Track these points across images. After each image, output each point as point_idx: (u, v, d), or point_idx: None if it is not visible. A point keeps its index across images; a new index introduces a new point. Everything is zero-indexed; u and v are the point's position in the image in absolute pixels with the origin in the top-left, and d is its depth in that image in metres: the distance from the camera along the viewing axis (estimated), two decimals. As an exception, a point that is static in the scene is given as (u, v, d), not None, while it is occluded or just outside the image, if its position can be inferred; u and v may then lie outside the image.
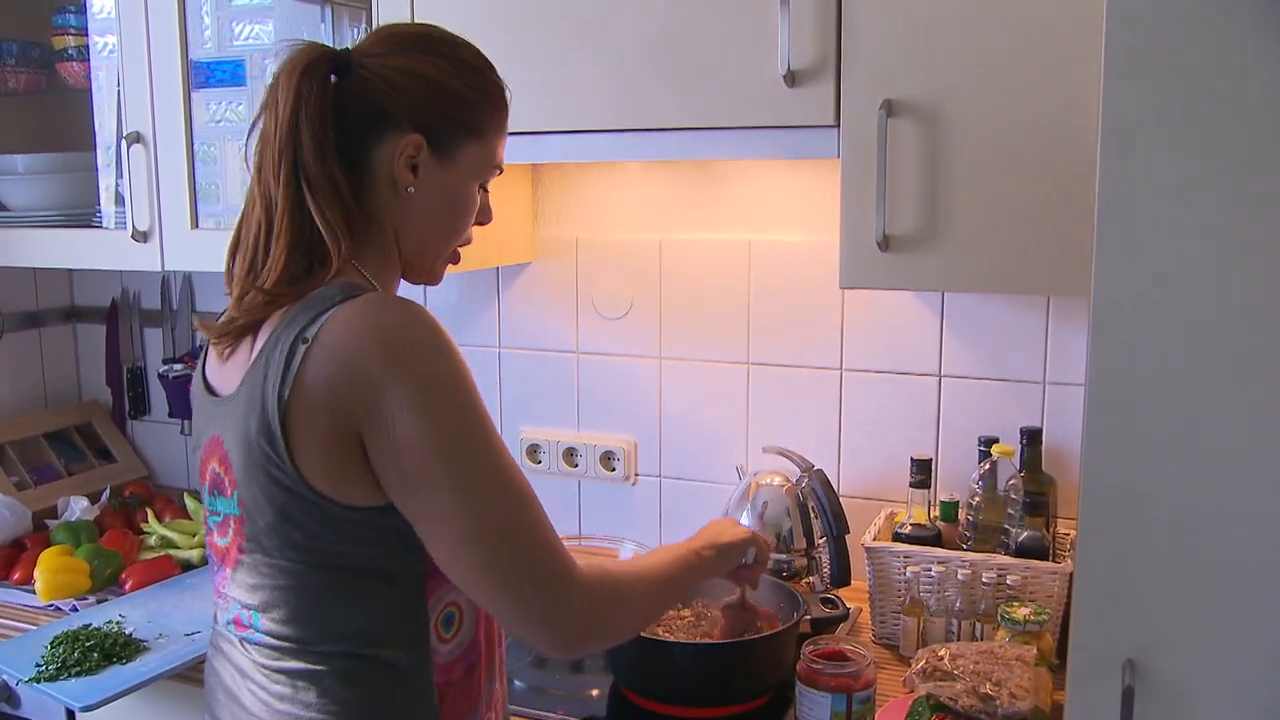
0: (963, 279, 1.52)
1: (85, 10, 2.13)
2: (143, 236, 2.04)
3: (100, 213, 2.15)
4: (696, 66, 1.59)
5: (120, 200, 2.09)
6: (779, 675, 1.55)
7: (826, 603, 1.74)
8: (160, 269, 2.06)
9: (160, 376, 2.45)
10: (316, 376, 1.04)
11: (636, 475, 2.16)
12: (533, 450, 2.21)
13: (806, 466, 1.83)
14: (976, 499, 1.75)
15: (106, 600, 1.94)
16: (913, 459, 1.79)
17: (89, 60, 2.16)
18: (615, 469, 2.16)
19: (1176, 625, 1.13)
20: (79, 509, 2.24)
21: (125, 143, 2.02)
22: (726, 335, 2.05)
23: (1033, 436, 1.76)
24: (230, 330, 1.14)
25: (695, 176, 2.04)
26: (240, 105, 1.99)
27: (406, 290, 1.21)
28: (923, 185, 1.50)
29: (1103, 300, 1.11)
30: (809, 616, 1.65)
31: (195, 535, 2.16)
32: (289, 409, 1.04)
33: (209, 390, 1.19)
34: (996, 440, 1.77)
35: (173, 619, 1.84)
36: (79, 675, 1.64)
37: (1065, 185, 1.42)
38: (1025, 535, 1.68)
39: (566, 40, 1.66)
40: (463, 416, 1.05)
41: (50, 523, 2.22)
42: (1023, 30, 1.43)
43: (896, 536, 1.78)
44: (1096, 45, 1.09)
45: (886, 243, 1.52)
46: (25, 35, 2.32)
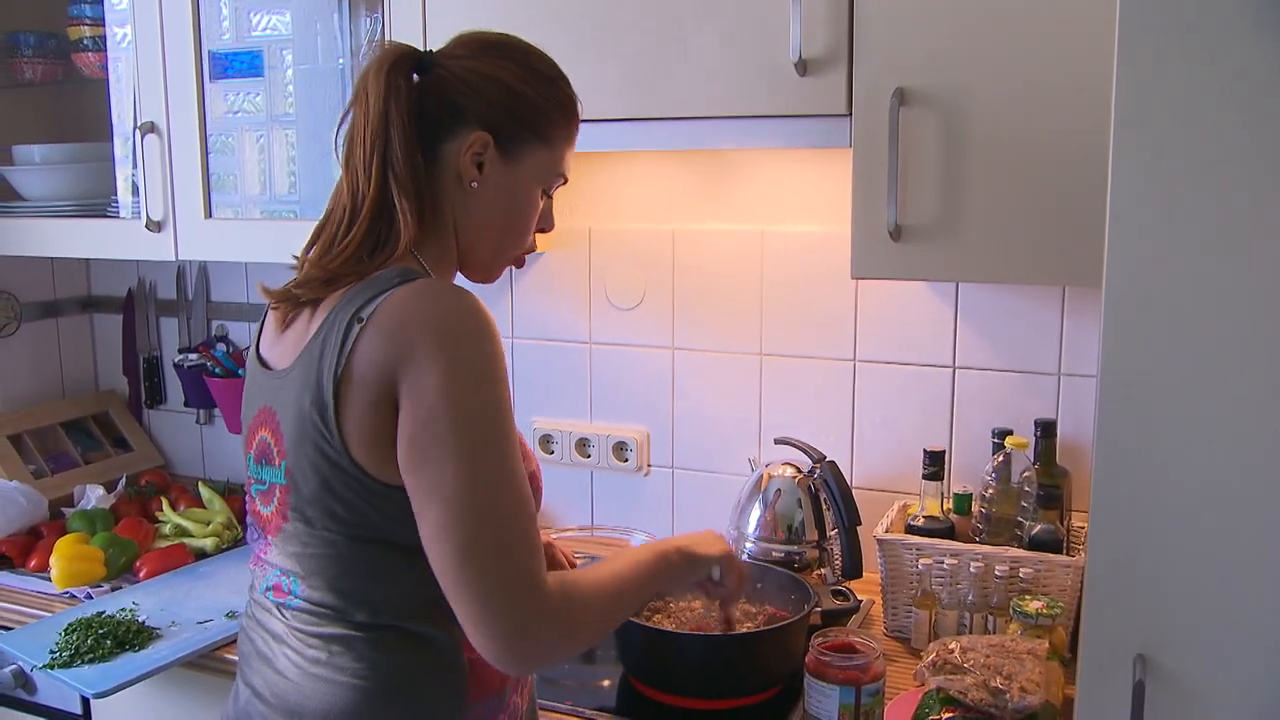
0: (975, 269, 1.51)
1: (101, 1, 2.14)
2: (157, 226, 2.05)
3: (117, 202, 2.16)
4: (708, 55, 1.58)
5: (136, 190, 2.09)
6: (788, 667, 1.55)
7: (837, 594, 1.73)
8: (174, 258, 2.08)
9: (176, 366, 2.46)
10: (367, 355, 1.07)
11: (649, 466, 2.16)
12: (545, 441, 2.21)
13: (818, 458, 1.82)
14: (990, 491, 1.74)
15: (121, 588, 1.95)
16: (926, 451, 1.78)
17: (105, 50, 2.17)
18: (628, 460, 2.16)
19: (1188, 620, 1.11)
20: (95, 497, 2.26)
21: (139, 133, 2.03)
22: (739, 326, 2.04)
23: (1047, 429, 1.74)
24: (290, 297, 1.18)
25: (708, 166, 2.03)
26: (258, 96, 1.99)
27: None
28: (935, 175, 1.49)
29: (1115, 291, 1.10)
30: (819, 608, 1.65)
31: (209, 524, 2.17)
32: (341, 385, 1.08)
33: (263, 363, 1.23)
34: (1010, 432, 1.76)
35: (185, 607, 1.85)
36: (92, 662, 1.65)
37: (1079, 174, 1.41)
38: (1039, 528, 1.66)
39: (578, 30, 1.65)
40: (484, 408, 1.07)
41: (67, 511, 2.23)
42: (1036, 18, 1.41)
43: (909, 529, 1.76)
44: (1111, 33, 1.07)
45: (898, 233, 1.51)
46: (41, 26, 2.33)
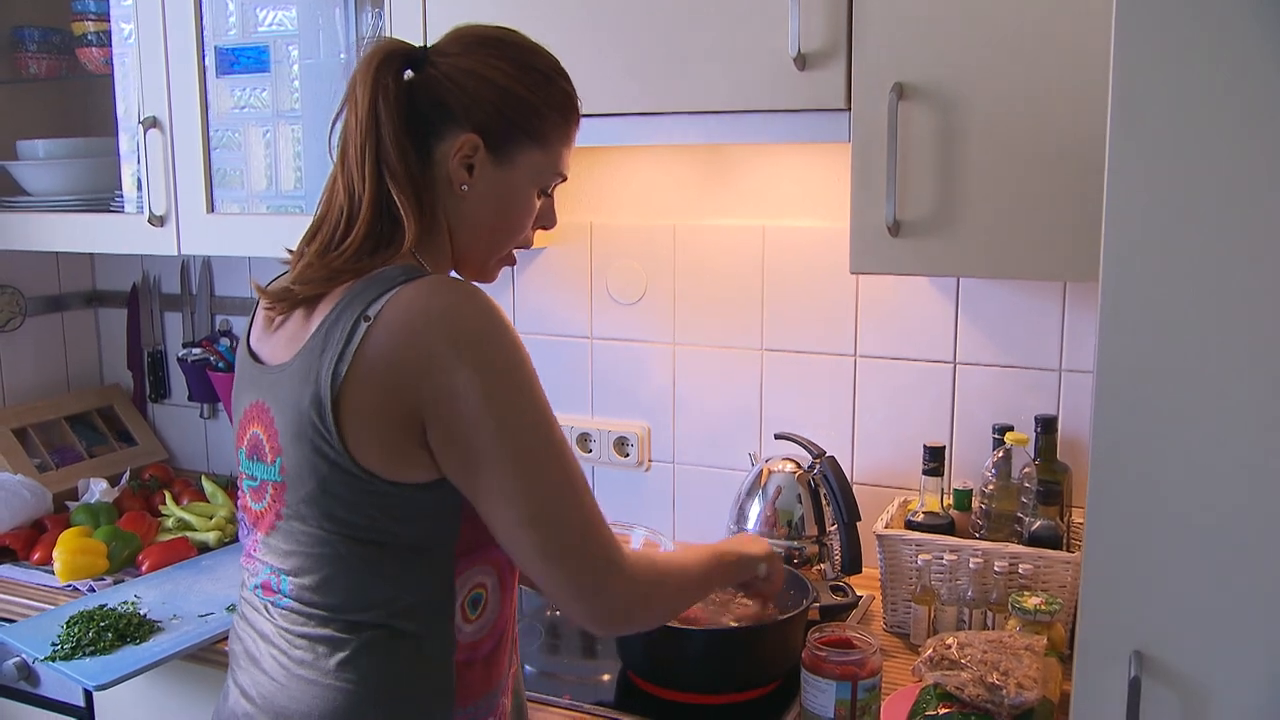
0: (974, 264, 1.50)
1: (106, -4, 2.15)
2: (159, 221, 2.06)
3: (121, 197, 2.16)
4: (707, 50, 1.58)
5: (141, 185, 2.10)
6: (787, 662, 1.54)
7: (836, 590, 1.73)
8: (177, 253, 2.08)
9: (179, 360, 2.47)
10: (377, 354, 1.05)
11: (650, 461, 2.16)
12: (547, 435, 2.21)
13: (818, 453, 1.82)
14: (990, 487, 1.73)
15: (123, 581, 1.96)
16: (926, 446, 1.78)
17: (109, 45, 2.17)
18: (629, 454, 2.16)
19: (1184, 616, 1.11)
20: (99, 491, 2.27)
21: (142, 127, 2.04)
22: (740, 321, 2.04)
23: (1048, 425, 1.73)
24: (286, 298, 1.16)
25: (710, 161, 2.03)
26: (264, 91, 1.99)
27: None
28: (934, 169, 1.48)
29: (1112, 286, 1.09)
30: (818, 604, 1.65)
31: (212, 518, 2.18)
32: (345, 384, 1.06)
33: (254, 358, 1.20)
34: (1011, 428, 1.75)
35: (187, 600, 1.86)
36: (93, 655, 1.66)
37: (1078, 168, 1.40)
38: (1039, 524, 1.66)
39: (577, 24, 1.65)
40: (528, 401, 1.08)
41: (70, 504, 2.24)
42: (1034, 11, 1.41)
43: (909, 524, 1.76)
44: (1108, 27, 1.07)
45: (897, 228, 1.50)
46: (46, 21, 2.34)
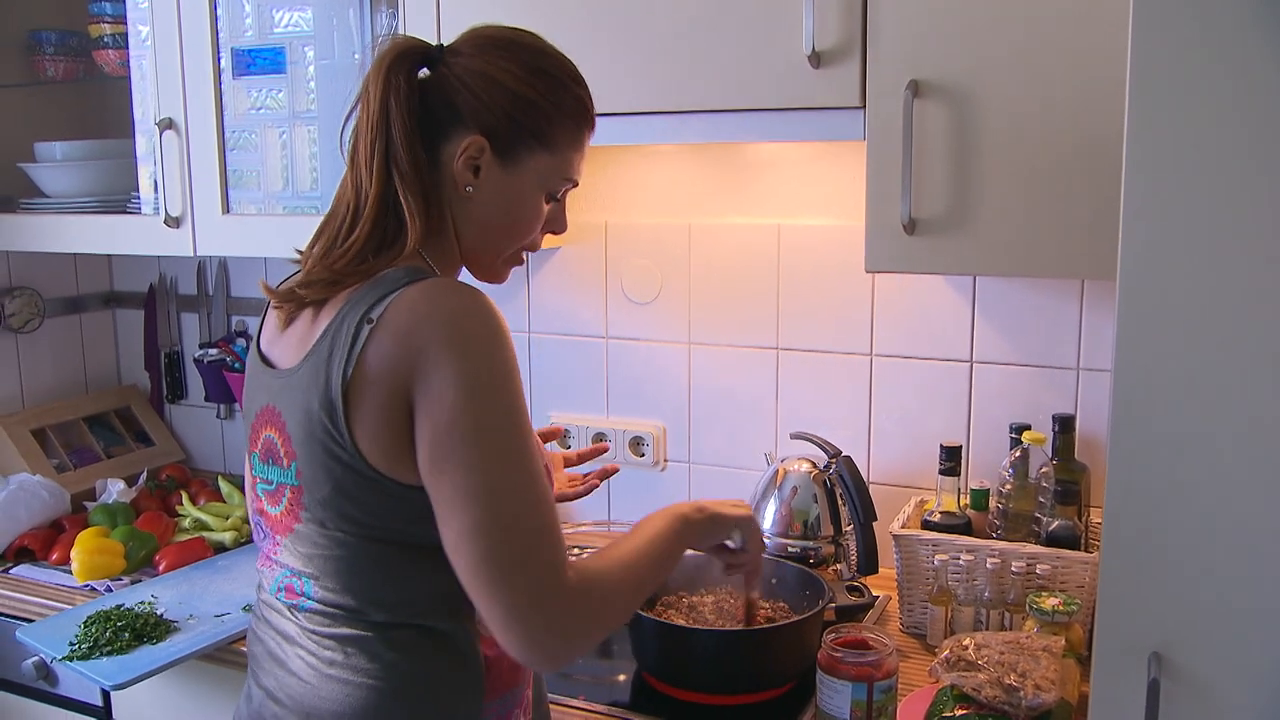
0: (990, 262, 1.49)
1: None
2: (175, 222, 2.07)
3: (138, 198, 2.17)
4: (722, 49, 1.57)
5: (157, 187, 2.10)
6: (802, 663, 1.54)
7: (852, 590, 1.72)
8: (193, 254, 2.09)
9: (196, 361, 2.48)
10: (378, 355, 1.06)
11: (666, 461, 2.15)
12: (562, 435, 2.20)
13: (834, 452, 1.81)
14: (1007, 487, 1.72)
15: (140, 581, 1.97)
16: (943, 446, 1.77)
17: (125, 48, 2.18)
18: (644, 454, 2.15)
19: (1203, 617, 1.10)
20: (116, 491, 2.28)
21: (158, 129, 2.04)
22: (756, 320, 2.03)
23: (1065, 424, 1.72)
24: (294, 298, 1.16)
25: (724, 160, 2.02)
26: (280, 92, 1.99)
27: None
28: (950, 167, 1.47)
29: (1129, 284, 1.08)
30: (834, 604, 1.64)
31: (228, 518, 2.19)
32: (351, 386, 1.06)
33: (265, 361, 1.21)
34: (1028, 427, 1.74)
35: (204, 600, 1.87)
36: (110, 654, 1.67)
37: (1095, 165, 1.39)
38: (1056, 524, 1.65)
39: (592, 24, 1.65)
40: (503, 411, 1.06)
41: (88, 505, 2.25)
42: (1051, 9, 1.39)
43: (926, 524, 1.75)
44: (1125, 24, 1.06)
45: (913, 226, 1.49)
46: (63, 24, 2.35)
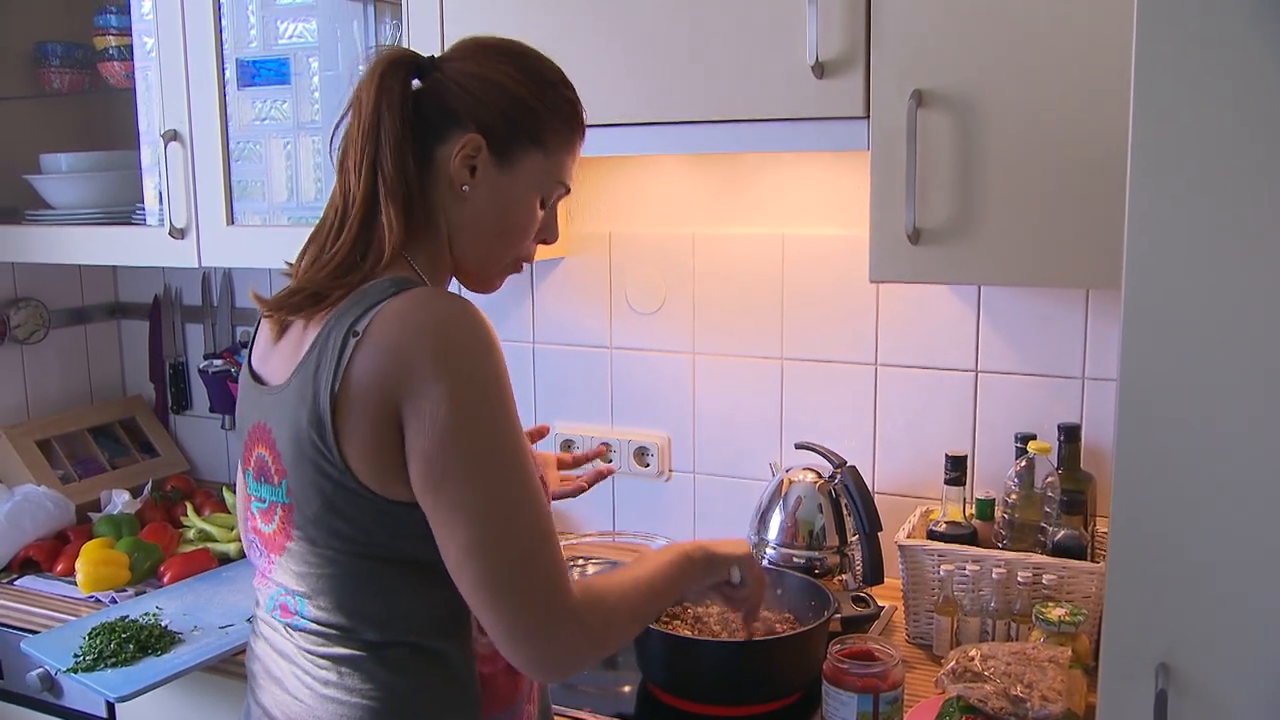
0: (995, 272, 1.49)
1: (129, 10, 2.16)
2: (180, 233, 2.07)
3: (143, 210, 2.18)
4: (726, 58, 1.57)
5: (162, 198, 2.11)
6: (808, 675, 1.53)
7: (858, 601, 1.71)
8: (197, 265, 2.09)
9: (201, 372, 2.48)
10: (365, 369, 1.05)
11: (670, 471, 2.15)
12: (567, 445, 2.21)
13: (839, 463, 1.81)
14: (1013, 497, 1.72)
15: (145, 592, 1.97)
16: (948, 455, 1.76)
17: (130, 60, 2.18)
18: (649, 465, 2.15)
19: (1211, 629, 1.09)
20: (121, 502, 2.28)
21: (162, 141, 2.05)
22: (760, 330, 2.03)
23: (1071, 433, 1.72)
24: (286, 304, 1.15)
25: (728, 170, 2.02)
26: (285, 103, 2.00)
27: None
28: (954, 177, 1.47)
29: (1134, 293, 1.08)
30: (839, 615, 1.63)
31: (233, 529, 2.19)
32: (339, 402, 1.06)
33: (255, 378, 1.20)
34: (1034, 437, 1.74)
35: (208, 612, 1.86)
36: (115, 666, 1.66)
37: (1100, 175, 1.39)
38: (1062, 534, 1.64)
39: (597, 34, 1.65)
40: (495, 425, 1.06)
41: (93, 516, 2.26)
42: (1054, 18, 1.39)
43: (931, 534, 1.75)
44: (1129, 33, 1.06)
45: (917, 235, 1.49)
46: (68, 36, 2.36)
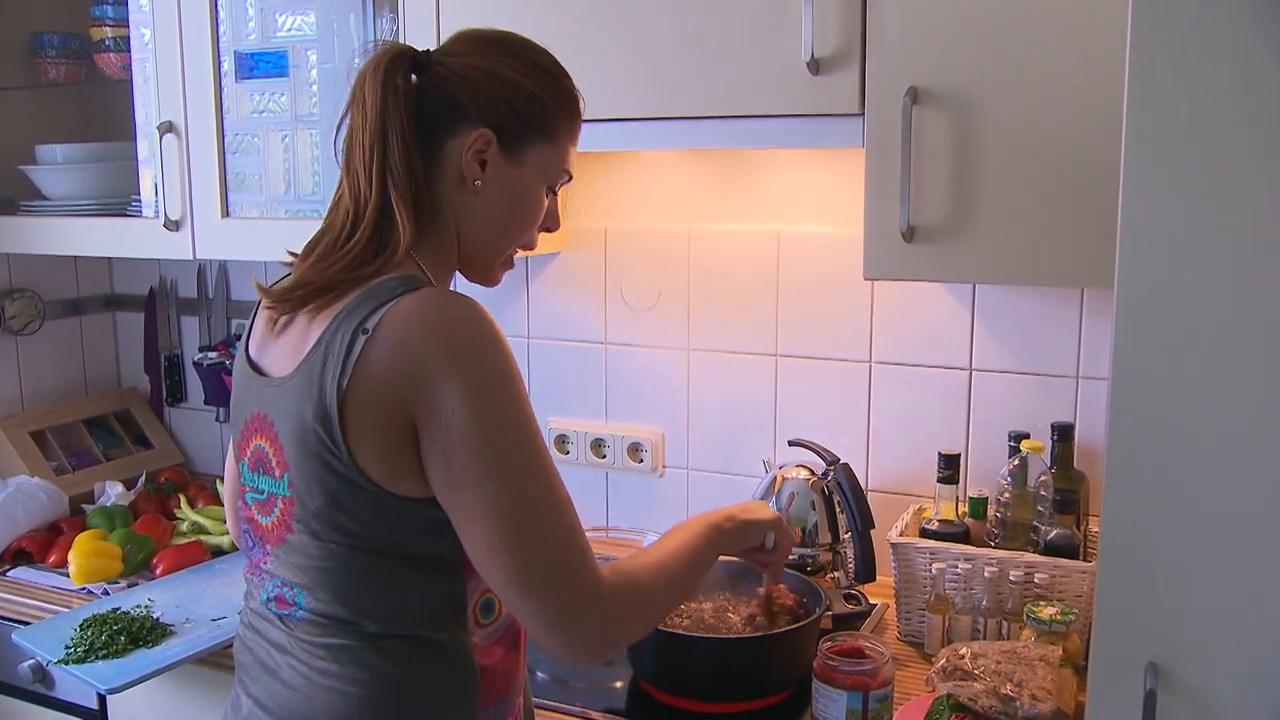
0: (989, 270, 1.49)
1: (125, 2, 2.15)
2: (175, 225, 2.07)
3: (139, 201, 2.17)
4: (720, 54, 1.57)
5: (158, 190, 2.10)
6: (799, 671, 1.53)
7: (850, 598, 1.72)
8: (192, 257, 2.09)
9: (195, 364, 2.48)
10: (375, 366, 1.05)
11: (664, 467, 2.15)
12: (561, 441, 2.21)
13: (832, 460, 1.81)
14: (1006, 495, 1.72)
15: (137, 584, 1.97)
16: (941, 454, 1.76)
17: (127, 51, 2.18)
18: (643, 460, 2.15)
19: (1201, 629, 1.09)
20: (114, 494, 2.28)
21: (158, 132, 2.05)
22: (755, 327, 2.03)
23: (1064, 432, 1.72)
24: (291, 299, 1.14)
25: (724, 166, 2.02)
26: (283, 96, 2.00)
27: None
28: (949, 175, 1.47)
29: (1127, 293, 1.08)
30: (831, 612, 1.64)
31: (226, 522, 2.18)
32: (347, 398, 1.06)
33: (254, 368, 1.20)
34: (1027, 436, 1.74)
35: (200, 604, 1.86)
36: (106, 658, 1.66)
37: (1094, 174, 1.39)
38: (1055, 533, 1.64)
39: (592, 29, 1.65)
40: (514, 418, 1.07)
41: (87, 507, 2.26)
42: (1050, 16, 1.39)
43: (923, 532, 1.75)
44: (1124, 32, 1.05)
45: (911, 233, 1.49)
46: (64, 27, 2.36)
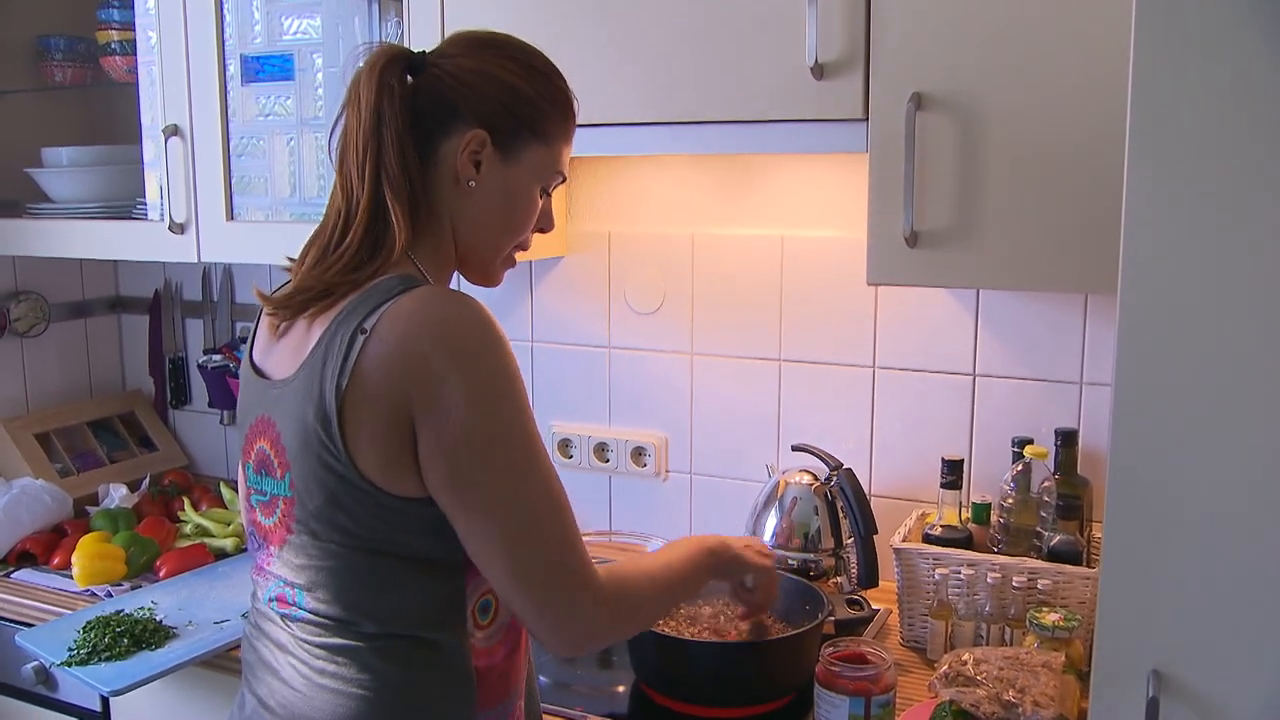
0: (992, 276, 1.49)
1: (131, 5, 2.16)
2: (180, 228, 2.07)
3: (144, 204, 2.18)
4: (725, 59, 1.57)
5: (163, 193, 2.11)
6: (801, 677, 1.53)
7: (852, 604, 1.71)
8: (197, 260, 2.09)
9: (200, 367, 2.48)
10: (374, 366, 1.06)
11: (668, 471, 2.15)
12: (564, 445, 2.21)
13: (836, 465, 1.81)
14: (1009, 501, 1.71)
15: (140, 587, 1.97)
16: (944, 459, 1.76)
17: (133, 54, 2.19)
18: (646, 465, 2.15)
19: (1203, 635, 1.09)
20: (118, 496, 2.29)
21: (163, 135, 2.05)
22: (758, 331, 2.03)
23: (1068, 438, 1.72)
24: (291, 304, 1.15)
25: (728, 171, 2.02)
26: (289, 99, 2.00)
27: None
28: (952, 180, 1.47)
29: (1130, 298, 1.08)
30: (833, 617, 1.63)
31: (230, 524, 2.19)
32: (346, 398, 1.06)
33: (257, 372, 1.21)
34: (1031, 441, 1.73)
35: (203, 607, 1.87)
36: (109, 660, 1.67)
37: (1098, 180, 1.38)
38: (1058, 539, 1.64)
39: (596, 34, 1.65)
40: (512, 415, 1.08)
41: (90, 509, 2.26)
42: (1054, 22, 1.39)
43: (926, 538, 1.75)
44: (1128, 39, 1.05)
45: (915, 238, 1.49)
46: (71, 30, 2.37)
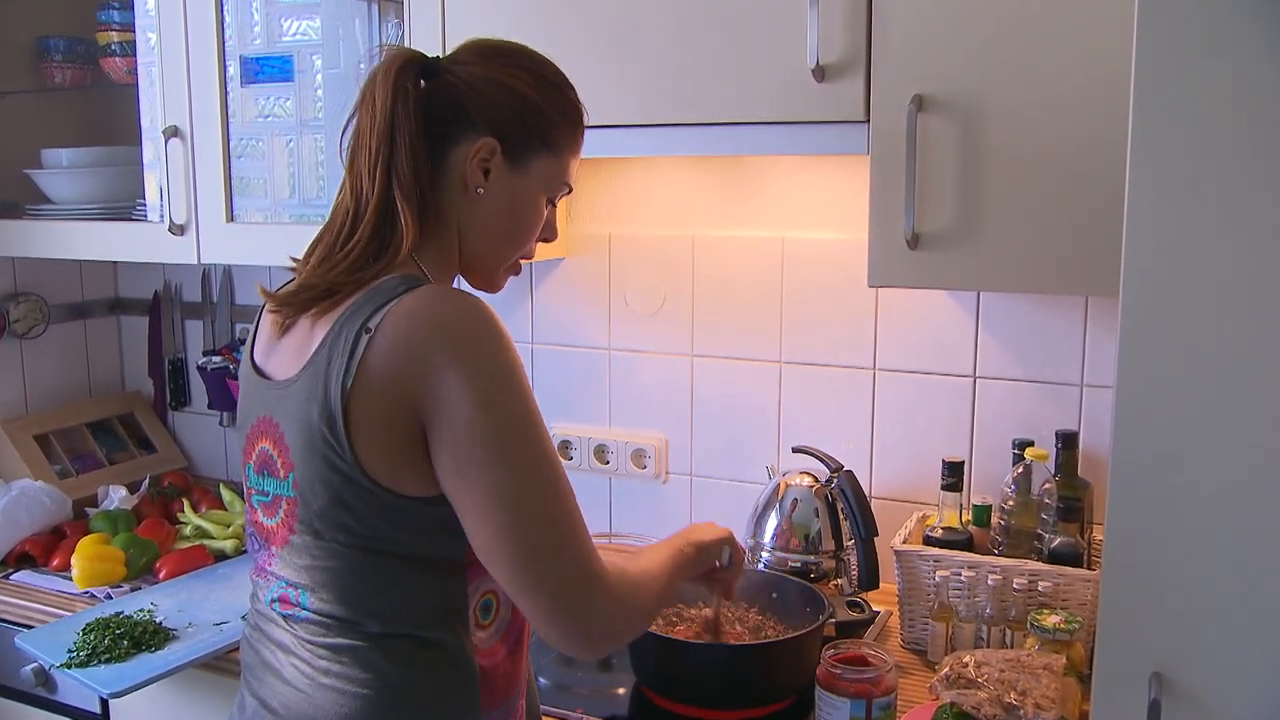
0: (993, 278, 1.49)
1: (131, 6, 2.16)
2: (179, 230, 2.07)
3: (144, 206, 2.18)
4: (726, 61, 1.57)
5: (163, 194, 2.11)
6: (802, 679, 1.53)
7: (853, 606, 1.71)
8: (197, 262, 2.09)
9: (199, 368, 2.48)
10: (378, 365, 1.06)
11: (668, 473, 2.15)
12: (564, 447, 2.20)
13: (836, 467, 1.81)
14: (1009, 503, 1.71)
15: (140, 588, 1.96)
16: (945, 461, 1.76)
17: (133, 55, 2.19)
18: (646, 466, 2.15)
19: (1205, 638, 1.09)
20: (118, 498, 2.28)
21: (163, 136, 2.05)
22: (759, 333, 2.03)
23: (1068, 440, 1.71)
24: (294, 302, 1.16)
25: (729, 172, 2.02)
26: (288, 101, 2.00)
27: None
28: (954, 182, 1.47)
29: (1132, 301, 1.08)
30: (834, 619, 1.63)
31: (229, 526, 2.19)
32: (351, 398, 1.07)
33: (258, 372, 1.21)
34: (1031, 443, 1.73)
35: (203, 608, 1.86)
36: (108, 662, 1.66)
37: (1100, 182, 1.38)
38: (1059, 541, 1.64)
39: (597, 36, 1.65)
40: (517, 409, 1.08)
41: (90, 511, 2.26)
42: (1055, 23, 1.39)
43: (927, 540, 1.74)
44: (1129, 40, 1.05)
45: (916, 241, 1.49)
46: (71, 31, 2.36)
